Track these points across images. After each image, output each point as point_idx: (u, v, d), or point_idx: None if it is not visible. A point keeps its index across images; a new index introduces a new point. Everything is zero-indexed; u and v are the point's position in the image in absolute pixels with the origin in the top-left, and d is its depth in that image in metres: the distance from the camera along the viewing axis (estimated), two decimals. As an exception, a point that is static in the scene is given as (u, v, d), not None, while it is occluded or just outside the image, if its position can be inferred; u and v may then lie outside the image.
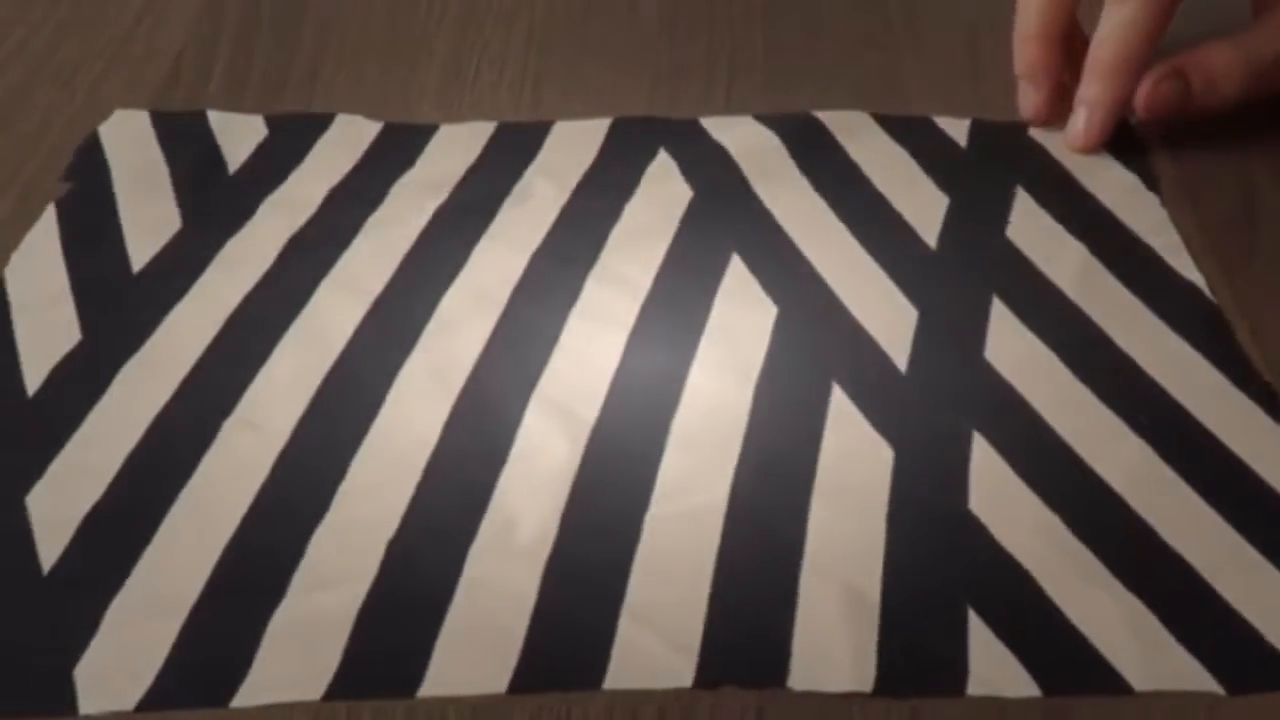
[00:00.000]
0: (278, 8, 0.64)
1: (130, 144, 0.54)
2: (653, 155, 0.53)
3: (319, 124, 0.55)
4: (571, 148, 0.53)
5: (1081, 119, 0.52)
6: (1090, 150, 0.52)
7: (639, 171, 0.52)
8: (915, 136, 0.54)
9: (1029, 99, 0.54)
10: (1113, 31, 0.50)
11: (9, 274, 0.47)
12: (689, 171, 0.52)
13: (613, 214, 0.50)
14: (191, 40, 0.62)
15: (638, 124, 0.55)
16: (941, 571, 0.37)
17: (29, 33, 0.62)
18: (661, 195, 0.51)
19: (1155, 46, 0.50)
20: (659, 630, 0.35)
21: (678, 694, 0.34)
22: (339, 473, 0.40)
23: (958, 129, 0.54)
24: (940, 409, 0.42)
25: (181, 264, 0.48)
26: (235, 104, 0.57)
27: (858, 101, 0.56)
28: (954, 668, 0.34)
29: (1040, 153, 0.53)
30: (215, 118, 0.55)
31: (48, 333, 0.45)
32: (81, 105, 0.57)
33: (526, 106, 0.57)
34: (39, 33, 0.62)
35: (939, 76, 0.58)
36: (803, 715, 0.33)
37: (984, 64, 0.59)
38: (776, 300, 0.46)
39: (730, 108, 0.56)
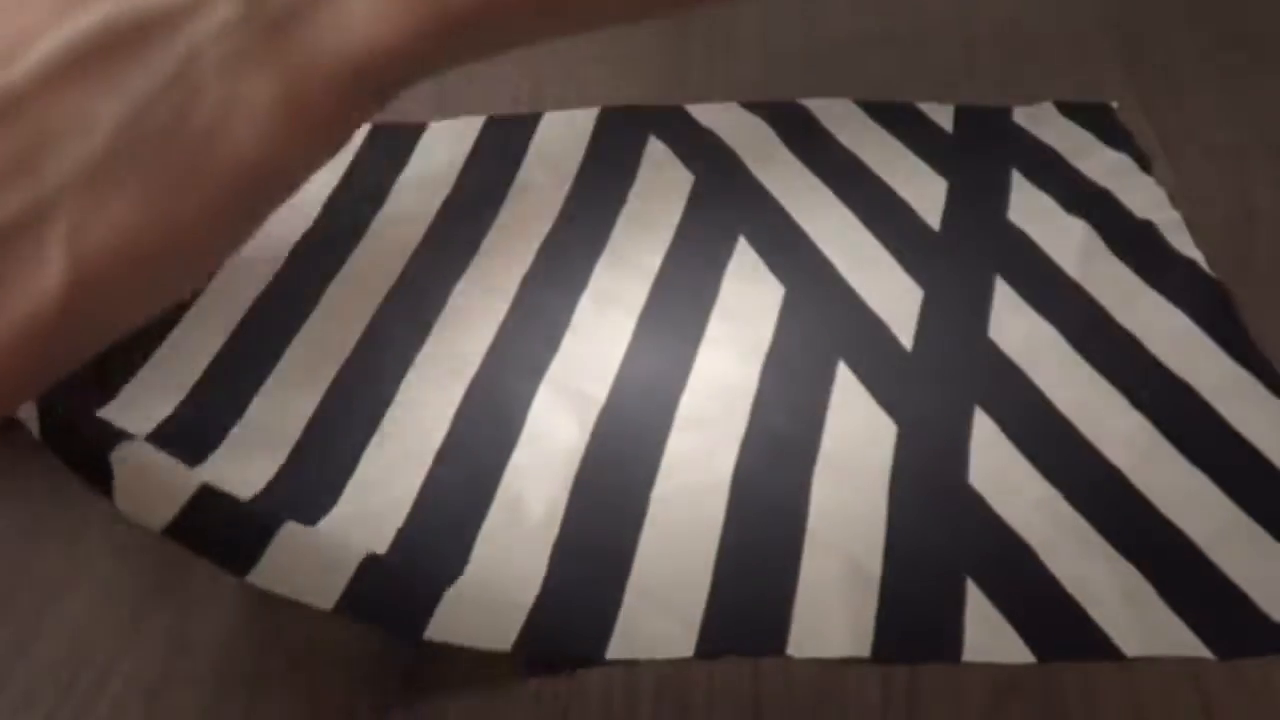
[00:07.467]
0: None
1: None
2: (644, 142, 0.53)
3: None
4: (563, 137, 0.54)
5: None
6: None
7: (635, 159, 0.53)
8: (902, 122, 0.54)
9: None
10: None
11: None
12: (686, 158, 0.53)
13: (617, 201, 0.50)
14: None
15: (625, 113, 0.55)
16: (941, 543, 0.37)
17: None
18: (663, 182, 0.51)
19: None
20: (663, 604, 0.35)
21: (676, 666, 0.34)
22: (350, 466, 0.40)
23: (942, 114, 0.55)
24: (944, 386, 0.42)
25: None
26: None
27: (846, 91, 0.56)
28: (950, 635, 0.35)
29: (1027, 136, 0.53)
30: None
31: None
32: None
33: (524, 104, 0.57)
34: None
35: (928, 70, 0.59)
36: (801, 686, 0.34)
37: (977, 60, 0.59)
38: (783, 280, 0.46)
39: (727, 100, 0.57)
